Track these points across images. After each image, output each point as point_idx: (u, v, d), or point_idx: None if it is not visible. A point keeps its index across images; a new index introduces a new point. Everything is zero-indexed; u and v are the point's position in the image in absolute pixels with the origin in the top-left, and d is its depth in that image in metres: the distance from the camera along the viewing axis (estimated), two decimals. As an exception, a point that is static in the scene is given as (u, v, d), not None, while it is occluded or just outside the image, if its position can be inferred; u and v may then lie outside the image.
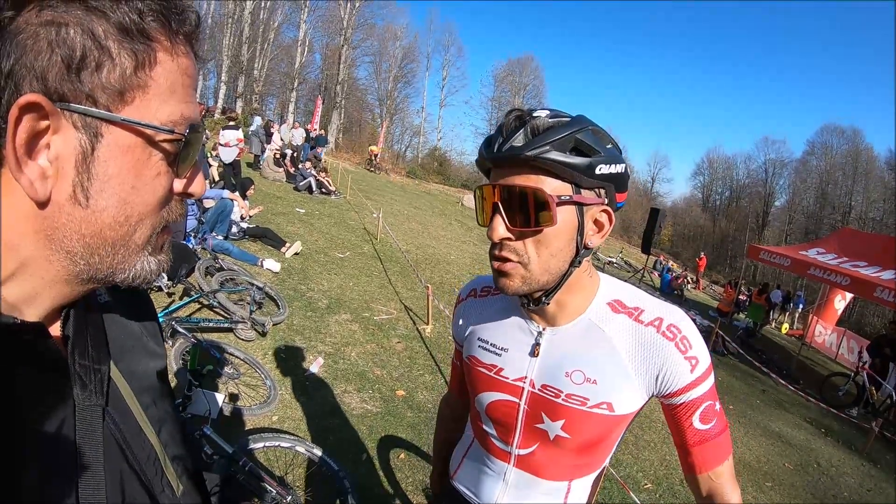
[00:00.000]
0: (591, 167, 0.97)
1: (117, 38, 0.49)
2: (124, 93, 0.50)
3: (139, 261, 0.58)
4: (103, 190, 0.51)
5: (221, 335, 4.77)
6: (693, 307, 16.55)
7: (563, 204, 0.98)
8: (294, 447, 3.02)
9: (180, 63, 0.55)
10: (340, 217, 12.12)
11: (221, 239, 6.95)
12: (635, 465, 4.85)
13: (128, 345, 0.71)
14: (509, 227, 1.01)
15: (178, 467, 0.73)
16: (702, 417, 1.11)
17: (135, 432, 0.65)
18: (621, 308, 1.15)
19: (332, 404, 4.27)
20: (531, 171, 0.98)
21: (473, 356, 1.29)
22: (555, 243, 1.02)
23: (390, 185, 25.60)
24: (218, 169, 11.38)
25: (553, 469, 1.23)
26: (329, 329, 5.74)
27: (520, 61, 53.17)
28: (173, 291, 5.11)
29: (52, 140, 0.48)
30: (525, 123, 0.97)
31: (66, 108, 0.48)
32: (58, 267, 0.53)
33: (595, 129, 1.00)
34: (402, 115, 51.51)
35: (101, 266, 0.55)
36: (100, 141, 0.50)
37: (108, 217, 0.52)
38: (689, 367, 1.08)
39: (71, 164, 0.49)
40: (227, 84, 35.90)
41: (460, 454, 1.47)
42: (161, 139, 0.54)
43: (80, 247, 0.52)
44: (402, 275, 8.72)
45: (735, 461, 4.48)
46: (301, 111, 42.10)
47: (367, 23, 43.40)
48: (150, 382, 0.73)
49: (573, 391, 1.12)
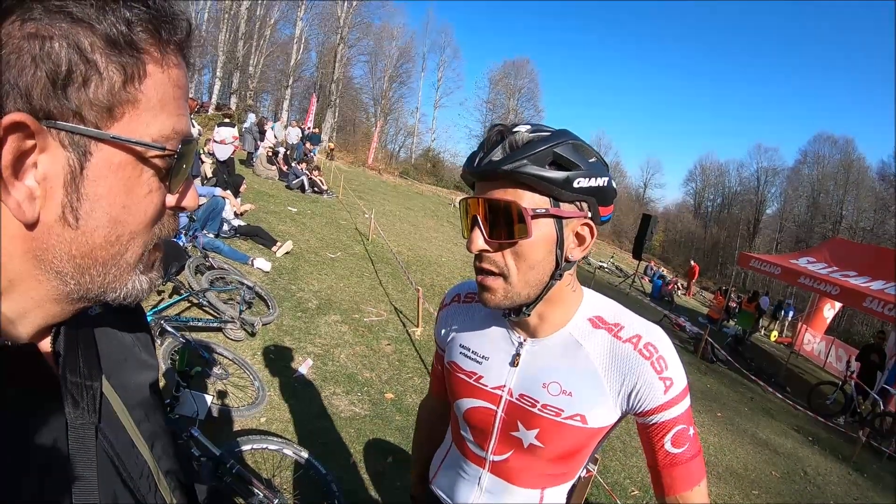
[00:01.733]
0: (569, 181, 0.98)
1: (105, 51, 0.47)
2: (113, 109, 0.49)
3: (130, 280, 0.56)
4: (93, 210, 0.50)
5: (210, 335, 4.74)
6: (683, 313, 16.59)
7: (539, 217, 1.00)
8: (282, 450, 3.00)
9: (171, 75, 0.53)
10: (332, 217, 12.09)
11: (212, 237, 6.91)
12: (622, 471, 4.85)
13: (120, 358, 0.70)
14: (487, 240, 1.03)
15: (172, 482, 0.72)
16: (674, 441, 1.12)
17: (128, 448, 0.64)
18: (601, 324, 1.16)
19: (321, 406, 4.25)
20: (509, 185, 1.00)
21: (454, 362, 1.31)
22: (532, 255, 1.03)
23: (383, 185, 25.56)
24: (211, 166, 11.32)
25: (526, 476, 1.25)
26: (319, 330, 5.72)
27: (515, 64, 53.24)
28: (163, 289, 5.07)
29: (39, 159, 0.47)
30: (505, 138, 0.99)
31: (52, 126, 0.46)
32: (48, 287, 0.52)
33: (576, 143, 1.01)
34: (397, 115, 51.54)
35: (91, 286, 0.53)
36: (89, 159, 0.48)
37: (98, 237, 0.51)
38: (662, 387, 1.09)
39: (59, 184, 0.48)
40: (222, 80, 35.72)
41: (439, 459, 1.49)
42: (152, 155, 0.52)
43: (70, 267, 0.51)
44: (393, 276, 8.71)
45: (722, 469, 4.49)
46: (296, 109, 42.00)
47: (363, 22, 43.41)
48: (143, 396, 0.72)
49: (549, 402, 1.15)
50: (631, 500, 4.44)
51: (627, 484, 4.67)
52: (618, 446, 5.29)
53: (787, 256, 15.26)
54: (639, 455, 5.19)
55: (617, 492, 4.36)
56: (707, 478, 1.22)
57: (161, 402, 0.79)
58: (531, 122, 1.05)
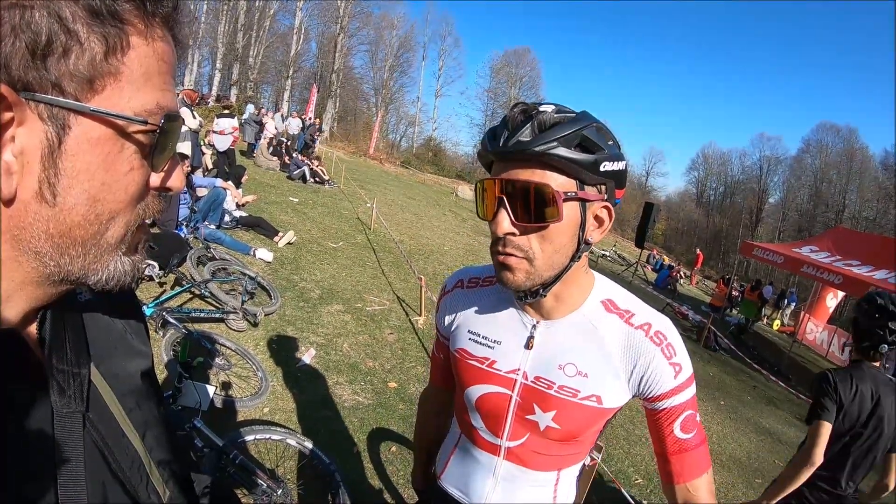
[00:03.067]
0: (596, 164, 0.97)
1: (86, 22, 0.45)
2: (94, 81, 0.46)
3: (112, 261, 0.54)
4: (71, 187, 0.47)
5: (213, 326, 4.74)
6: (686, 302, 16.60)
7: (569, 200, 0.98)
8: (285, 440, 3.00)
9: (156, 48, 0.51)
10: (334, 206, 12.07)
11: (214, 228, 6.89)
12: (626, 459, 4.86)
13: (110, 345, 0.68)
14: (514, 222, 1.01)
15: (165, 472, 0.70)
16: (683, 426, 1.14)
17: (117, 438, 0.62)
18: (613, 308, 1.17)
19: (324, 396, 4.25)
20: (537, 166, 0.98)
21: (463, 349, 1.28)
22: (559, 239, 1.02)
23: (384, 175, 25.55)
24: (211, 157, 11.31)
25: (542, 460, 1.24)
26: (321, 320, 5.72)
27: (516, 53, 53.19)
28: (164, 281, 5.07)
29: (17, 133, 0.44)
30: (531, 118, 0.96)
31: (31, 98, 0.44)
32: (27, 268, 0.50)
33: (599, 126, 0.99)
34: (398, 105, 51.66)
35: (71, 267, 0.51)
36: (68, 133, 0.46)
37: (76, 215, 0.49)
38: (672, 372, 1.11)
39: (37, 159, 0.46)
40: (222, 72, 35.69)
41: (446, 453, 1.45)
42: (134, 130, 0.50)
43: (48, 247, 0.49)
44: (396, 265, 8.70)
45: (725, 457, 4.46)
46: (296, 100, 41.91)
47: (363, 11, 43.45)
48: (134, 384, 0.70)
49: (565, 383, 1.14)
50: (635, 488, 4.45)
51: (631, 472, 4.68)
52: (621, 435, 5.30)
53: (790, 245, 15.24)
54: (642, 444, 5.20)
55: (621, 480, 4.36)
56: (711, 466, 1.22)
57: (156, 390, 0.76)
58: (552, 102, 1.02)
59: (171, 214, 6.19)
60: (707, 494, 1.17)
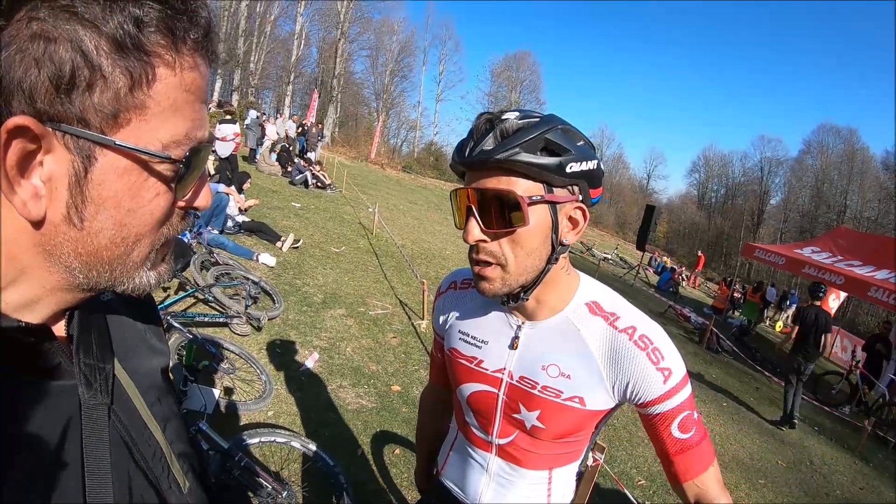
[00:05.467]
0: (562, 166, 0.99)
1: (110, 55, 0.46)
2: (118, 115, 0.47)
3: (138, 275, 0.57)
4: (98, 213, 0.49)
5: (217, 330, 4.76)
6: (688, 304, 16.58)
7: (535, 204, 1.00)
8: (289, 442, 3.02)
9: (185, 78, 0.51)
10: (336, 211, 12.09)
11: (217, 233, 6.92)
12: (629, 461, 4.87)
13: (131, 343, 0.71)
14: (483, 230, 1.04)
15: (184, 465, 0.73)
16: (680, 427, 1.13)
17: (140, 430, 0.65)
18: (598, 311, 1.17)
19: (327, 399, 4.27)
20: (502, 174, 1.00)
21: (455, 348, 1.33)
22: (529, 243, 1.04)
23: (386, 180, 25.55)
24: (214, 163, 11.33)
25: (533, 458, 1.27)
26: (324, 324, 5.74)
27: (516, 57, 53.10)
28: (168, 286, 5.08)
29: (44, 159, 0.46)
30: (495, 126, 0.99)
31: (56, 128, 0.45)
32: (57, 277, 0.52)
33: (565, 128, 1.01)
34: (399, 110, 51.51)
35: (99, 280, 0.54)
36: (93, 164, 0.48)
37: (104, 239, 0.51)
38: (661, 378, 1.10)
39: (64, 186, 0.47)
40: (223, 77, 35.72)
41: (446, 449, 1.50)
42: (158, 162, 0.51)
43: (77, 263, 0.52)
44: (398, 270, 8.72)
45: (728, 458, 4.49)
46: (297, 105, 41.93)
47: (363, 16, 43.36)
48: (155, 380, 0.73)
49: (548, 383, 1.16)
50: (638, 489, 4.46)
51: (634, 473, 4.69)
52: (624, 436, 5.31)
53: (792, 246, 15.18)
54: (644, 445, 5.21)
55: (624, 481, 4.37)
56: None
57: (172, 389, 0.79)
58: (518, 109, 1.05)
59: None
60: (716, 486, 1.16)
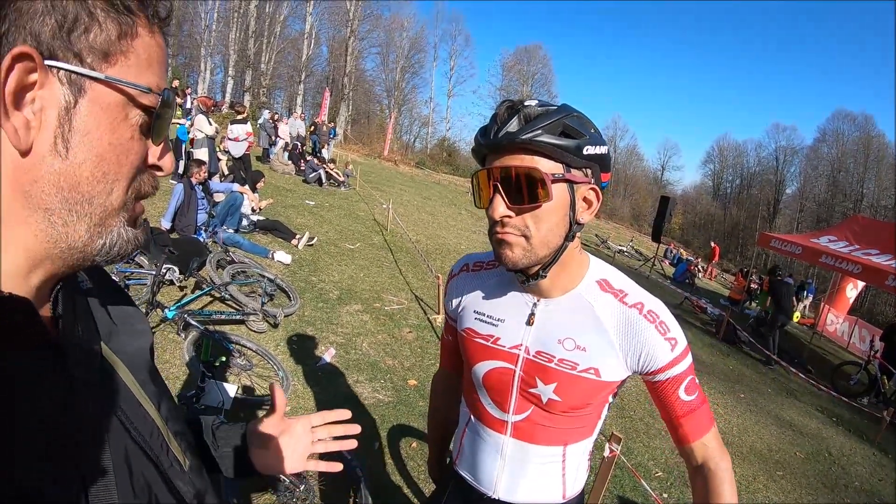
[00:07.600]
0: (579, 148, 1.08)
1: (105, 9, 0.54)
2: (108, 55, 0.54)
3: (115, 227, 0.58)
4: (82, 143, 0.53)
5: (233, 327, 4.82)
6: (704, 295, 16.47)
7: (557, 181, 1.08)
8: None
9: (157, 40, 0.60)
10: (350, 208, 12.16)
11: (232, 232, 6.99)
12: (646, 453, 4.86)
13: (115, 326, 0.72)
14: (509, 206, 1.10)
15: (182, 443, 0.74)
16: (686, 389, 1.24)
17: (135, 408, 0.66)
18: (608, 288, 1.26)
19: (344, 394, 4.31)
20: (526, 153, 1.08)
21: (470, 328, 1.37)
22: (551, 218, 1.11)
23: (399, 176, 25.59)
24: (227, 163, 11.41)
25: (547, 433, 1.31)
26: (340, 320, 5.78)
27: (527, 50, 52.96)
28: (185, 285, 5.16)
29: (38, 95, 0.51)
30: (517, 111, 1.07)
31: (54, 65, 0.51)
32: (35, 230, 0.53)
33: (579, 116, 1.10)
34: (411, 106, 51.54)
35: (79, 228, 0.55)
36: (83, 96, 0.53)
37: (85, 171, 0.54)
38: (669, 346, 1.21)
39: (54, 116, 0.52)
40: (235, 78, 35.92)
41: (459, 436, 1.53)
42: (138, 102, 0.57)
43: (57, 202, 0.53)
44: (413, 265, 8.76)
45: (746, 450, 4.47)
46: (309, 104, 42.01)
47: (373, 14, 43.43)
48: (144, 360, 0.74)
49: (565, 356, 1.23)
50: (655, 481, 4.45)
51: (651, 466, 4.68)
52: (641, 428, 5.31)
53: (808, 236, 15.01)
54: (661, 437, 5.20)
55: (641, 473, 4.36)
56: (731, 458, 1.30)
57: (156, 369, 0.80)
58: (536, 98, 1.12)
59: (190, 220, 6.29)
60: (718, 446, 1.27)
